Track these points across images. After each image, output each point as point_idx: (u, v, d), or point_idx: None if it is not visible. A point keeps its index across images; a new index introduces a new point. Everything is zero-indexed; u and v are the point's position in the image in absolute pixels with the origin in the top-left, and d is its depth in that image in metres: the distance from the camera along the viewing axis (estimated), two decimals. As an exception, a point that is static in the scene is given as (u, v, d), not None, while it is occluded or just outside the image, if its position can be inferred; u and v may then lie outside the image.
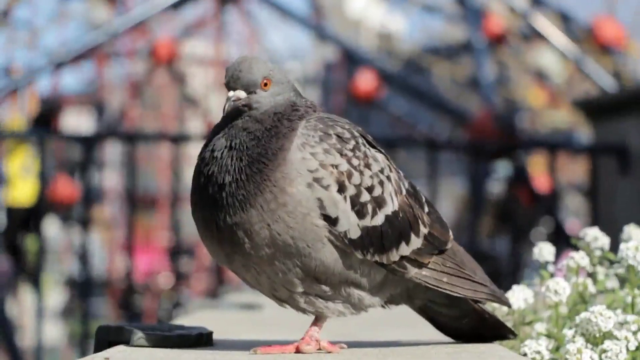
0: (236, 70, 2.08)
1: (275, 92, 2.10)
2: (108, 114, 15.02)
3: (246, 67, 2.08)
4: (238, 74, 2.08)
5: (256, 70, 2.08)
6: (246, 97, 2.08)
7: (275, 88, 2.10)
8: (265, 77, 2.09)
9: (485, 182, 10.14)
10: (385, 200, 2.10)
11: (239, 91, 2.08)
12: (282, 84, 2.11)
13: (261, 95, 2.08)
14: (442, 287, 2.19)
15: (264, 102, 2.08)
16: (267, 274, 2.07)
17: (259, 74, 2.08)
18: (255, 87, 2.08)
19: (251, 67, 2.08)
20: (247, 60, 2.09)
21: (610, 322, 2.18)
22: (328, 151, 2.06)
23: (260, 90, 2.08)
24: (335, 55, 14.74)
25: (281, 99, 2.10)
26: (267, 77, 2.09)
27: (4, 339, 8.88)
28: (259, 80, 2.08)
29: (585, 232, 2.57)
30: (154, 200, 15.45)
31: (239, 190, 2.02)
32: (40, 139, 8.47)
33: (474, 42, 11.69)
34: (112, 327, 2.23)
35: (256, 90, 2.08)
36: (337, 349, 2.13)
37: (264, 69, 2.09)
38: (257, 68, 2.08)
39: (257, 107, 2.08)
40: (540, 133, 13.43)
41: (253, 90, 2.08)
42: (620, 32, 11.17)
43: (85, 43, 11.44)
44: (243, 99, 2.07)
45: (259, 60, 2.10)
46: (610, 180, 7.59)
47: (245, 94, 2.08)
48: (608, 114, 7.67)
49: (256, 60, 2.09)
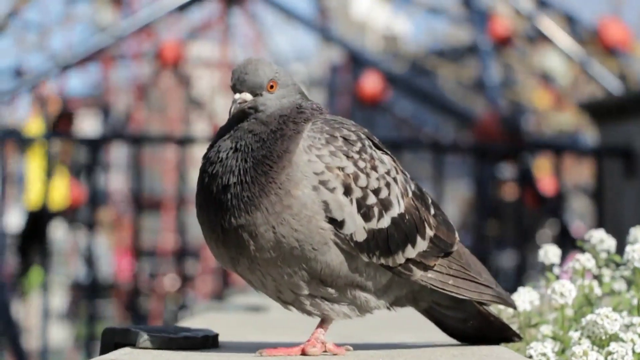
0: (242, 72, 2.08)
1: (281, 95, 2.10)
2: (114, 117, 15.03)
3: (252, 70, 2.08)
4: (244, 77, 2.08)
5: (262, 73, 2.08)
6: (252, 100, 2.08)
7: (281, 90, 2.10)
8: (271, 79, 2.09)
9: (490, 184, 10.14)
10: (391, 202, 2.10)
11: (244, 94, 2.08)
12: (288, 87, 2.11)
13: (267, 98, 2.08)
14: (448, 290, 2.19)
15: (270, 104, 2.08)
16: (272, 277, 2.07)
17: (264, 76, 2.08)
18: (261, 89, 2.08)
19: (257, 70, 2.08)
20: (253, 62, 2.09)
21: (616, 324, 2.18)
22: (334, 154, 2.06)
23: (266, 93, 2.08)
24: (340, 58, 14.74)
25: (287, 102, 2.10)
26: (273, 79, 2.09)
27: (10, 341, 8.89)
28: (264, 83, 2.08)
29: (591, 234, 2.57)
30: (159, 202, 15.46)
31: (243, 192, 2.02)
32: (46, 141, 8.48)
33: (479, 44, 11.69)
34: (118, 329, 2.23)
35: (262, 92, 2.08)
36: (343, 351, 2.13)
37: (270, 71, 2.09)
38: (262, 70, 2.08)
39: (263, 110, 2.08)
40: (545, 135, 13.42)
41: (259, 93, 2.08)
42: (626, 34, 11.16)
43: (91, 45, 11.47)
44: (249, 102, 2.07)
45: (264, 63, 2.09)
46: (615, 182, 7.58)
47: (251, 97, 2.08)
48: (613, 116, 7.66)
49: (262, 63, 2.09)
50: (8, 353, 8.92)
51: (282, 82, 2.10)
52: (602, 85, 10.63)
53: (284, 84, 2.11)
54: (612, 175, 7.60)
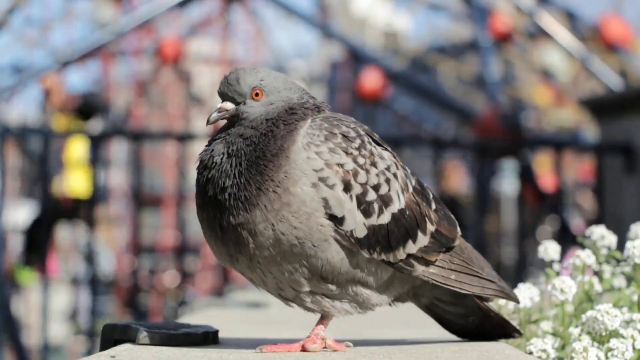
0: (225, 82, 2.14)
1: (268, 102, 2.12)
2: (114, 113, 15.03)
3: (234, 79, 2.13)
4: (227, 86, 2.13)
5: (243, 82, 2.12)
6: (233, 108, 2.12)
7: (268, 97, 2.13)
8: (254, 87, 2.12)
9: (491, 180, 10.14)
10: (391, 198, 2.10)
11: (226, 102, 2.13)
12: (277, 92, 2.13)
13: (250, 106, 2.12)
14: (450, 285, 2.19)
15: (252, 111, 2.11)
16: (272, 274, 2.07)
17: (246, 85, 2.12)
18: (243, 97, 2.12)
19: (238, 79, 2.12)
20: (236, 71, 2.14)
21: (617, 320, 2.18)
22: (333, 150, 2.06)
23: (249, 101, 2.12)
24: (341, 54, 14.74)
25: (274, 107, 2.12)
26: (256, 87, 2.13)
27: (10, 338, 8.89)
28: (246, 91, 2.12)
29: (592, 230, 2.57)
30: (159, 198, 15.47)
31: (240, 192, 2.03)
32: (44, 137, 8.48)
33: (480, 40, 11.69)
34: (118, 326, 2.23)
35: (245, 100, 2.12)
36: (343, 348, 2.13)
37: (253, 80, 2.12)
38: (244, 79, 2.12)
39: (246, 117, 2.11)
40: (546, 131, 13.42)
41: (242, 101, 2.12)
42: (627, 31, 11.16)
43: (91, 42, 11.46)
44: (230, 110, 2.12)
45: (249, 71, 2.13)
46: (616, 178, 7.58)
47: (233, 105, 2.12)
48: (614, 112, 7.66)
49: (246, 72, 2.13)
50: (9, 349, 8.92)
51: (269, 89, 2.13)
52: (602, 82, 10.63)
53: (272, 91, 2.13)
54: (613, 171, 7.60)
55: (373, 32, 22.63)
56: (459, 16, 14.07)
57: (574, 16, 11.39)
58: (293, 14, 11.91)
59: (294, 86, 2.15)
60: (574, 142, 10.99)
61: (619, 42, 11.02)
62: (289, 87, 2.14)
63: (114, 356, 2.01)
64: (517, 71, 14.55)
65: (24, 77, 11.36)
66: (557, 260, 2.53)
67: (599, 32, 11.04)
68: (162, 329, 2.21)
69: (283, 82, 2.14)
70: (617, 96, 8.59)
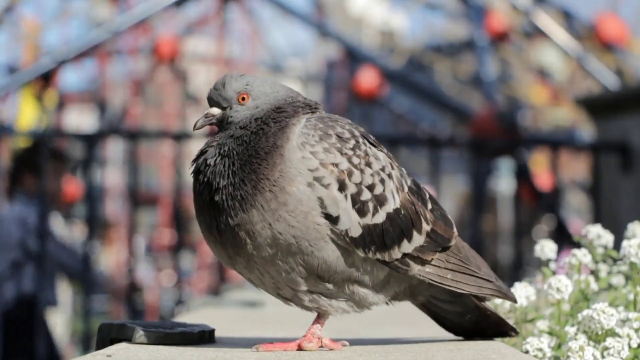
0: (212, 89, 2.19)
1: (254, 105, 2.15)
2: (110, 112, 15.03)
3: (220, 85, 2.17)
4: (213, 92, 2.18)
5: (229, 87, 2.16)
6: (220, 113, 2.16)
7: (254, 101, 2.16)
8: (240, 92, 2.16)
9: (487, 179, 10.14)
10: (386, 198, 2.11)
11: (213, 108, 2.17)
12: (264, 96, 2.16)
13: (235, 110, 2.15)
14: (446, 284, 2.19)
15: (238, 115, 2.15)
16: (270, 274, 2.08)
17: (231, 90, 2.16)
18: (229, 102, 2.16)
19: (224, 85, 2.16)
20: (223, 78, 2.18)
21: (613, 319, 2.18)
22: (328, 150, 2.07)
23: (236, 105, 2.16)
24: (337, 53, 14.76)
25: (260, 110, 2.15)
26: (242, 92, 2.16)
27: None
28: (232, 96, 2.16)
29: (588, 229, 2.57)
30: (155, 198, 15.47)
31: (236, 192, 2.05)
32: (40, 137, 8.46)
33: (476, 39, 11.70)
34: (115, 325, 2.23)
35: (231, 105, 2.16)
36: (339, 347, 2.13)
37: (238, 85, 2.16)
38: (230, 85, 2.16)
39: (232, 121, 2.14)
40: (542, 130, 13.44)
41: (228, 106, 2.16)
42: (623, 30, 11.17)
43: (87, 41, 11.45)
44: (217, 115, 2.16)
45: (235, 77, 2.18)
46: (612, 177, 7.59)
47: (220, 111, 2.16)
48: (610, 111, 7.67)
49: (232, 78, 2.17)
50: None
51: (256, 93, 2.16)
52: (598, 81, 10.64)
53: (259, 94, 2.16)
54: (609, 170, 7.60)
55: (369, 31, 22.65)
56: (456, 15, 14.08)
57: (570, 15, 11.40)
58: (289, 12, 11.92)
59: (282, 89, 2.18)
60: (570, 141, 11.00)
61: (615, 41, 11.03)
62: (276, 90, 2.17)
63: (110, 355, 2.01)
64: (514, 70, 14.55)
65: (18, 77, 11.35)
66: (553, 259, 2.54)
67: (595, 31, 11.05)
68: (158, 328, 2.21)
69: (270, 86, 2.18)
70: (613, 95, 8.59)
